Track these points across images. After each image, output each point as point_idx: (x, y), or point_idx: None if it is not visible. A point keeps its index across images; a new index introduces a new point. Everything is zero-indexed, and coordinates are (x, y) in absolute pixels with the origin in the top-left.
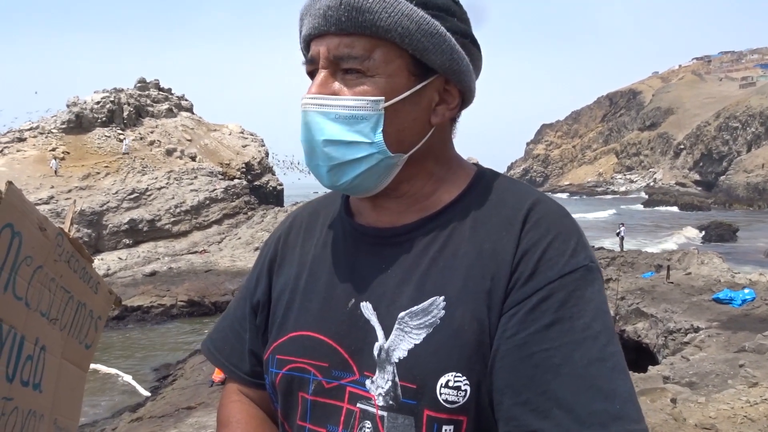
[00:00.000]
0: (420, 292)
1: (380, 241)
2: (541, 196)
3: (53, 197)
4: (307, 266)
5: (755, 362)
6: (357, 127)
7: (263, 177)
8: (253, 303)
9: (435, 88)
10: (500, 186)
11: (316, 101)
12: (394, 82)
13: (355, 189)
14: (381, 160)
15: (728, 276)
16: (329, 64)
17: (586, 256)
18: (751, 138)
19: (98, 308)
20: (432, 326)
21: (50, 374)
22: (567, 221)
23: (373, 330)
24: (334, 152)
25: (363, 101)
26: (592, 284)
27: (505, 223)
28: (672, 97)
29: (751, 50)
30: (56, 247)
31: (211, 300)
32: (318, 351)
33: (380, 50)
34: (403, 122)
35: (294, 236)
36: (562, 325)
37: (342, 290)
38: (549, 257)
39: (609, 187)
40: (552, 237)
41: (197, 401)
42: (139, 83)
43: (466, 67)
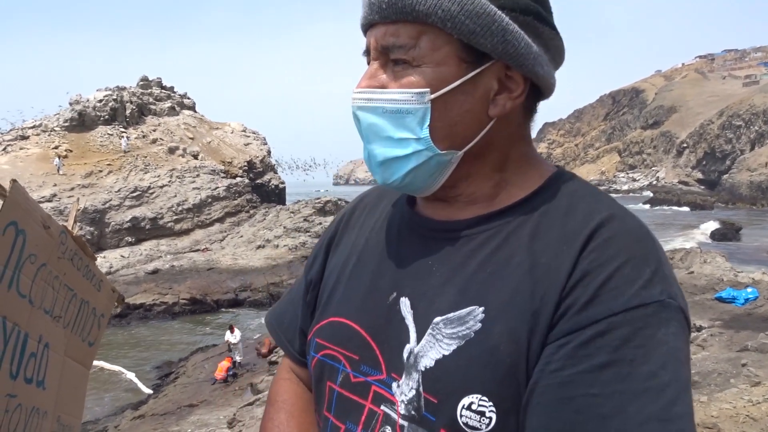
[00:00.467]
0: (461, 297)
1: (432, 234)
2: (619, 212)
3: (56, 195)
4: (359, 250)
5: (758, 361)
6: (403, 122)
7: (265, 175)
8: (308, 281)
9: (494, 75)
10: (576, 193)
11: (363, 95)
12: (442, 71)
13: (408, 187)
14: (430, 157)
15: (731, 275)
16: (379, 55)
17: (664, 290)
18: (755, 136)
19: (101, 306)
20: (465, 338)
21: (53, 371)
22: (646, 245)
23: (407, 330)
24: (383, 148)
25: (408, 94)
26: (666, 324)
27: (569, 236)
28: (675, 96)
29: (754, 48)
30: (60, 245)
31: (213, 298)
32: (351, 341)
33: (427, 37)
34: (455, 115)
35: (356, 217)
36: (620, 368)
37: (386, 281)
38: (615, 284)
39: (612, 185)
40: (622, 261)
41: (199, 399)
42: (141, 81)
43: (525, 49)
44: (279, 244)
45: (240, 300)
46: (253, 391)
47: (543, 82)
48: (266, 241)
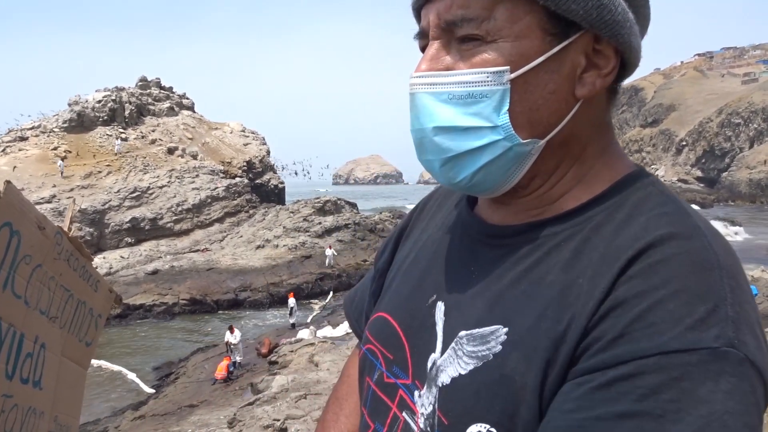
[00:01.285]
0: (488, 312)
1: (481, 239)
2: (687, 230)
3: (55, 196)
4: (419, 246)
5: None
6: (475, 108)
7: (264, 175)
8: (376, 269)
9: (581, 49)
10: (644, 201)
11: (424, 80)
12: (523, 45)
13: (479, 187)
14: (509, 148)
15: None
16: (441, 33)
17: (722, 335)
18: (754, 134)
19: (98, 306)
20: (483, 360)
21: (50, 372)
22: (709, 276)
23: (436, 337)
24: (448, 141)
25: (482, 74)
26: (717, 379)
27: (614, 254)
28: (674, 94)
29: (753, 46)
30: (55, 246)
31: (213, 298)
32: (390, 339)
33: (503, 6)
34: (537, 98)
35: (427, 210)
36: (642, 423)
37: (432, 282)
38: (653, 320)
39: None
40: (668, 292)
41: (199, 399)
42: (140, 82)
43: (622, 16)
44: (279, 243)
45: (240, 300)
46: (253, 391)
47: (634, 54)
48: (266, 241)
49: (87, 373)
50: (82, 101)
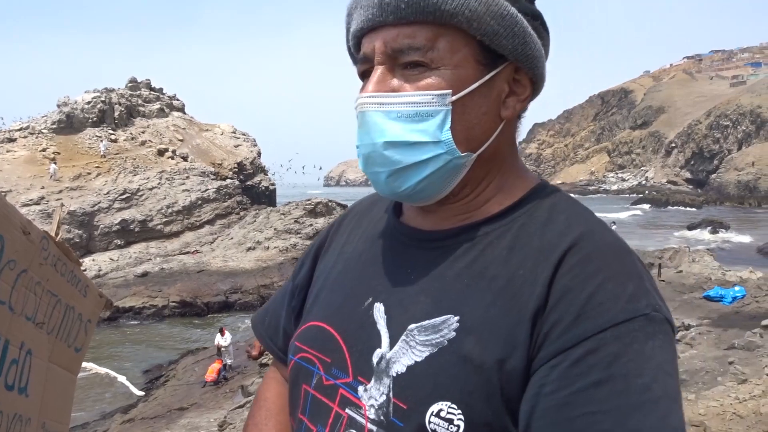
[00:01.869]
0: (436, 306)
1: (414, 243)
2: (597, 225)
3: (44, 198)
4: (345, 257)
5: (744, 359)
6: (422, 125)
7: (255, 177)
8: (294, 284)
9: (505, 77)
10: (556, 205)
11: (375, 99)
12: (461, 73)
13: (418, 195)
14: (449, 161)
15: (719, 273)
16: (386, 59)
17: (649, 303)
18: (742, 136)
19: (88, 311)
20: (438, 346)
21: (37, 378)
22: (626, 260)
23: (378, 334)
24: (396, 155)
25: (428, 96)
26: (653, 337)
27: (546, 249)
28: (663, 96)
29: (741, 49)
30: (41, 251)
31: (203, 300)
32: (326, 344)
33: (444, 39)
34: (472, 117)
35: (346, 224)
36: (614, 384)
37: (364, 287)
38: (599, 300)
39: (601, 185)
40: (604, 276)
41: (189, 402)
42: (130, 83)
43: (539, 52)
44: (269, 245)
45: (230, 302)
46: (243, 393)
47: (542, 83)
48: (256, 243)
49: (76, 378)
50: (71, 102)
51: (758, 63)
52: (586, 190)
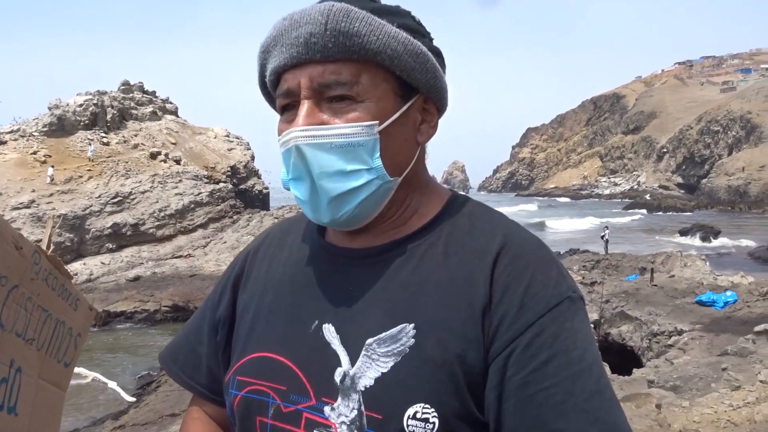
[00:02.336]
0: (389, 317)
1: (349, 262)
2: (514, 226)
3: (34, 201)
4: (274, 284)
5: (738, 365)
6: (354, 154)
7: (249, 180)
8: (215, 319)
9: (417, 107)
10: (473, 213)
11: (308, 133)
12: (383, 105)
13: (355, 219)
14: (380, 185)
15: (711, 278)
16: (312, 93)
17: (568, 286)
18: (732, 141)
19: (78, 325)
20: (401, 354)
21: (26, 396)
22: (544, 252)
23: (335, 354)
24: (334, 183)
25: (358, 127)
26: (577, 314)
27: (479, 252)
28: (655, 101)
29: (731, 55)
30: (33, 266)
31: (195, 305)
32: (278, 373)
33: (367, 74)
34: (396, 144)
35: (263, 253)
36: (559, 359)
37: (307, 311)
38: (534, 291)
39: (594, 189)
40: (533, 270)
41: (181, 408)
42: (122, 86)
43: (444, 84)
44: None
45: None
46: None
47: (445, 110)
48: None
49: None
50: (62, 105)
51: (748, 69)
52: (579, 194)
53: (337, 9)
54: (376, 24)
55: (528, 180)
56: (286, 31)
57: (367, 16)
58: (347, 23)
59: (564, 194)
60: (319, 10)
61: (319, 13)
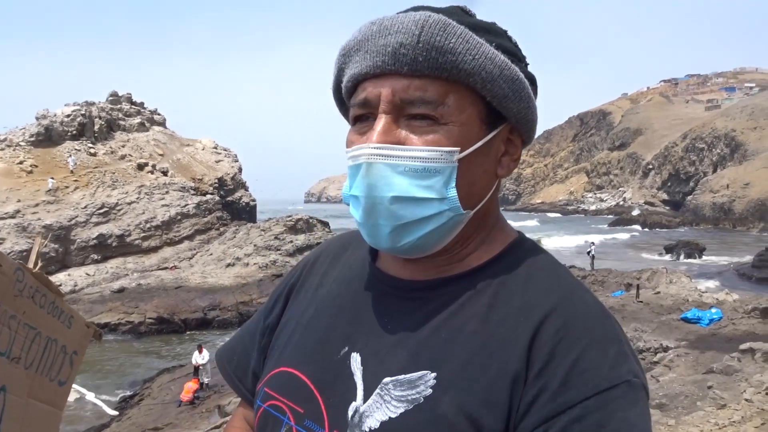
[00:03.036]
0: (413, 360)
1: (392, 292)
2: (577, 288)
3: (19, 211)
4: (318, 300)
5: (723, 384)
6: (429, 181)
7: (236, 193)
8: (266, 324)
9: (502, 137)
10: (535, 264)
11: (382, 151)
12: (467, 131)
13: (415, 250)
14: (451, 217)
15: (696, 295)
16: (392, 108)
17: (630, 369)
18: (717, 159)
19: (73, 343)
20: (413, 403)
21: (13, 416)
22: (606, 324)
23: (354, 386)
24: (402, 210)
25: (437, 152)
26: (636, 405)
27: (526, 310)
28: (641, 118)
29: (716, 74)
30: (15, 283)
31: (180, 317)
32: (298, 393)
33: (454, 96)
34: (475, 175)
35: (319, 265)
36: None
37: (340, 334)
38: (583, 368)
39: (580, 205)
40: (587, 343)
41: (164, 422)
42: (111, 96)
43: (536, 116)
44: (249, 262)
45: (209, 319)
46: (220, 413)
47: (529, 143)
48: (236, 259)
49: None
50: (50, 115)
51: (732, 88)
52: (566, 209)
53: (434, 21)
54: (474, 42)
55: (515, 195)
56: (373, 37)
57: (465, 33)
58: (443, 38)
59: (551, 209)
60: (414, 19)
61: (414, 23)
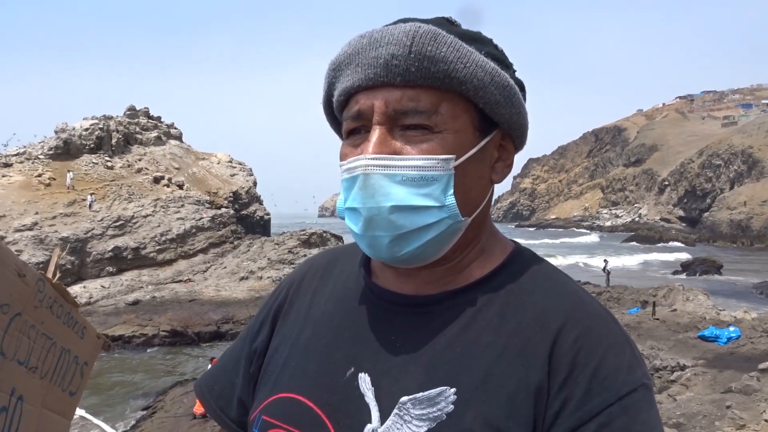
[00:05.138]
0: (429, 376)
1: (396, 308)
2: (584, 295)
3: (37, 223)
4: (313, 320)
5: (742, 403)
6: (427, 189)
7: (250, 206)
8: (252, 349)
9: (495, 143)
10: (540, 272)
11: (378, 162)
12: (461, 138)
13: (415, 259)
14: (450, 225)
15: (713, 313)
16: (386, 119)
17: (643, 372)
18: (734, 176)
19: (84, 354)
20: (436, 420)
21: (28, 425)
22: (617, 329)
23: (367, 408)
24: (401, 220)
25: (433, 160)
26: (653, 406)
27: (540, 320)
28: (656, 135)
29: (732, 90)
30: (37, 293)
31: (194, 330)
32: (303, 419)
33: (447, 104)
34: (471, 182)
35: (307, 284)
36: None
37: (343, 355)
38: (604, 374)
39: (595, 221)
40: (604, 349)
41: None
42: (128, 111)
43: (527, 121)
44: (263, 275)
45: (222, 332)
46: None
47: (521, 149)
48: (250, 273)
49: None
50: (69, 129)
51: (749, 104)
52: (580, 225)
53: (425, 31)
54: (464, 51)
55: (529, 210)
56: (363, 50)
57: (455, 42)
58: (434, 47)
59: (565, 225)
60: (404, 30)
61: (404, 34)
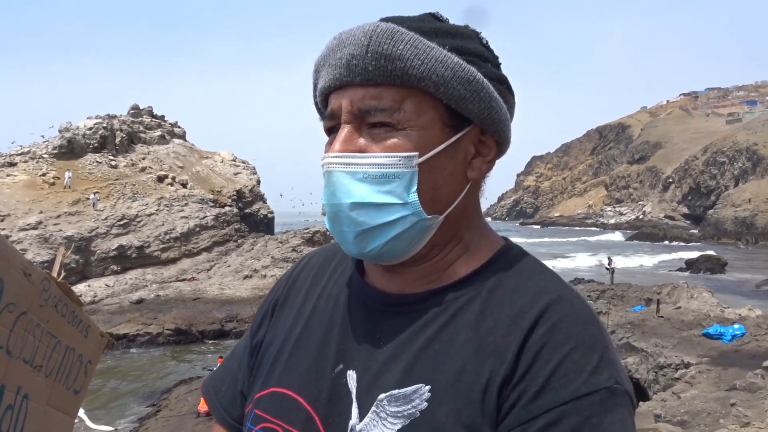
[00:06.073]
0: (407, 374)
1: (381, 308)
2: (566, 293)
3: (41, 222)
4: (305, 316)
5: (746, 401)
6: (388, 186)
7: (254, 205)
8: (254, 343)
9: (470, 139)
10: (524, 269)
11: (340, 160)
12: (427, 134)
13: (385, 256)
14: (415, 222)
15: (717, 311)
16: (353, 118)
17: (611, 375)
18: (738, 173)
19: (88, 352)
20: (410, 418)
21: (33, 423)
22: (592, 329)
23: (352, 404)
24: (363, 216)
25: (395, 158)
26: (613, 411)
27: (516, 317)
28: (660, 132)
29: (736, 87)
30: (42, 292)
31: (198, 328)
32: (293, 414)
33: (411, 101)
34: (439, 179)
35: (303, 279)
36: None
37: (333, 352)
38: (564, 372)
39: (599, 219)
40: (571, 347)
41: None
42: (132, 110)
43: (504, 116)
44: (267, 274)
45: (226, 331)
46: None
47: (507, 145)
48: (254, 271)
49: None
50: (73, 128)
51: (753, 101)
52: (584, 223)
53: (382, 30)
54: (423, 47)
55: (533, 208)
56: (332, 51)
57: (414, 38)
58: (390, 45)
59: (569, 223)
60: (364, 30)
61: (363, 34)
